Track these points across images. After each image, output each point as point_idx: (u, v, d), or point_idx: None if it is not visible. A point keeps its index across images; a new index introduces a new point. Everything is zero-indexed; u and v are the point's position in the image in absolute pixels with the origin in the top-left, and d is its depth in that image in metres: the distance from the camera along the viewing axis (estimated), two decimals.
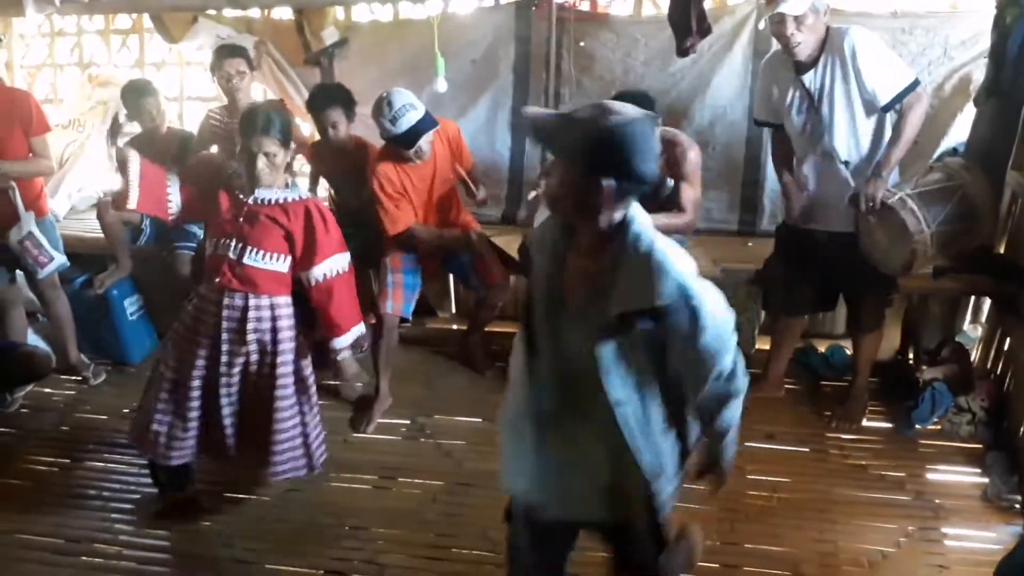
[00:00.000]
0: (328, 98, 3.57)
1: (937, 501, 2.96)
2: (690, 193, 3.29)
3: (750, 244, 3.92)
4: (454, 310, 4.50)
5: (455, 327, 4.36)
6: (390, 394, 3.63)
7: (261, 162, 2.66)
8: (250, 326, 2.72)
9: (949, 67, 3.62)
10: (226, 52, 3.74)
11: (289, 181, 2.81)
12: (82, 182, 4.65)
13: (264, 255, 2.72)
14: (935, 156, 3.60)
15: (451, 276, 4.24)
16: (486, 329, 3.98)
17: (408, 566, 2.71)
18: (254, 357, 2.76)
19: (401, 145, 3.29)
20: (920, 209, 2.91)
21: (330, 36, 4.15)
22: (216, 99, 3.91)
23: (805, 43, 2.87)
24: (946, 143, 3.63)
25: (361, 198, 3.57)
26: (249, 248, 2.70)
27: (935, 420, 3.36)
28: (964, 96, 3.59)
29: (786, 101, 3.07)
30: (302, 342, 2.84)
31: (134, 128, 4.05)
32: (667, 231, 3.33)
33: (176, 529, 2.94)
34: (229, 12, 4.19)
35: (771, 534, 2.83)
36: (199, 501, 3.02)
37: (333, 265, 2.79)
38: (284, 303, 2.80)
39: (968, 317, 3.83)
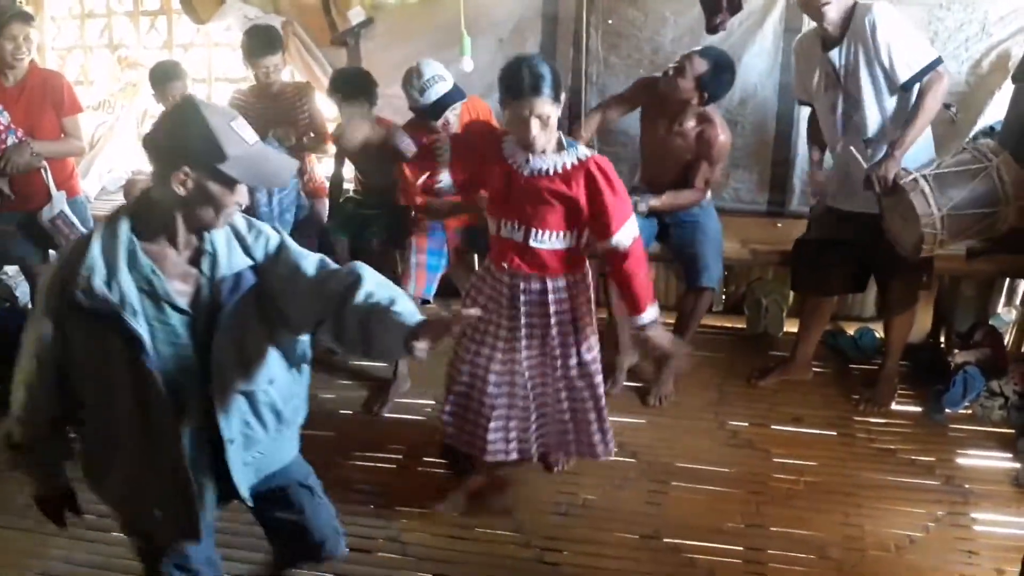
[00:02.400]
0: (347, 87, 3.46)
1: (967, 486, 2.93)
2: (706, 172, 3.28)
3: (779, 225, 3.84)
4: None
5: None
6: (408, 377, 3.63)
7: (535, 127, 2.31)
8: (552, 308, 2.53)
9: (987, 43, 3.52)
10: (264, 47, 3.66)
11: (564, 140, 2.41)
12: (112, 163, 4.71)
13: (550, 235, 2.44)
14: (971, 135, 3.53)
15: (476, 257, 4.23)
16: None
17: (431, 544, 2.73)
18: (556, 340, 2.58)
19: (428, 116, 3.26)
20: (933, 191, 2.79)
21: (356, 16, 4.14)
22: (245, 80, 3.91)
23: (833, 4, 2.81)
24: (983, 121, 3.55)
25: (387, 179, 3.56)
26: (533, 230, 2.43)
27: (966, 404, 3.32)
28: (1002, 73, 3.49)
29: (814, 80, 3.04)
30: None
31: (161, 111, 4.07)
32: (673, 208, 3.35)
33: None
34: None
35: (797, 517, 2.81)
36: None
37: (630, 231, 2.43)
38: (582, 279, 2.58)
39: (1002, 300, 3.76)
